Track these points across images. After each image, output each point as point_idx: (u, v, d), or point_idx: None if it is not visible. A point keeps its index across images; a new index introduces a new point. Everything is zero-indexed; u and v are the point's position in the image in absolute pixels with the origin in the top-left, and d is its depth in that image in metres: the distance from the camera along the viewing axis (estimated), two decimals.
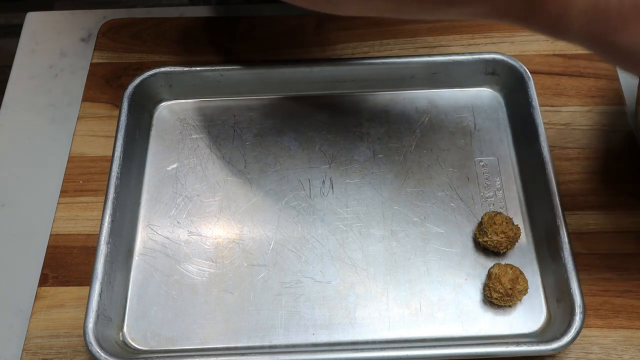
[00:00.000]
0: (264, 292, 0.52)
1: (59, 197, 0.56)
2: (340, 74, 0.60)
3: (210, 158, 0.58)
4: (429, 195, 0.56)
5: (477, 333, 0.50)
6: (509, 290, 0.49)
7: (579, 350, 0.49)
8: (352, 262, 0.53)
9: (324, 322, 0.50)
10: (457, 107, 0.60)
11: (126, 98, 0.58)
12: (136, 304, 0.51)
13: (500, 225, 0.51)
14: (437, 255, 0.53)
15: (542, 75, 0.61)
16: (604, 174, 0.57)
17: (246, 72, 0.60)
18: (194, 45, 0.64)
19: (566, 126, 0.59)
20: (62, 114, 0.62)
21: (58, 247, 0.54)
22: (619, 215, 0.54)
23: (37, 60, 0.66)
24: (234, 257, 0.53)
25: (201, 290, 0.52)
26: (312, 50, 0.64)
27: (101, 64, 0.64)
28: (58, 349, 0.50)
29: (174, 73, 0.60)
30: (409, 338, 0.49)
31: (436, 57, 0.60)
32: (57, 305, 0.51)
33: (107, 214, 0.52)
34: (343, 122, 0.60)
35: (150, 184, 0.57)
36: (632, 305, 0.50)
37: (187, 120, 0.60)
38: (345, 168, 0.57)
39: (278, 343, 0.50)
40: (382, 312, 0.51)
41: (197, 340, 0.50)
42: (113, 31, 0.66)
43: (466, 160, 0.57)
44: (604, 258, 0.52)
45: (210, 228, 0.55)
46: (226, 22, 0.66)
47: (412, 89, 0.61)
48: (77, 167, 0.58)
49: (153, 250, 0.54)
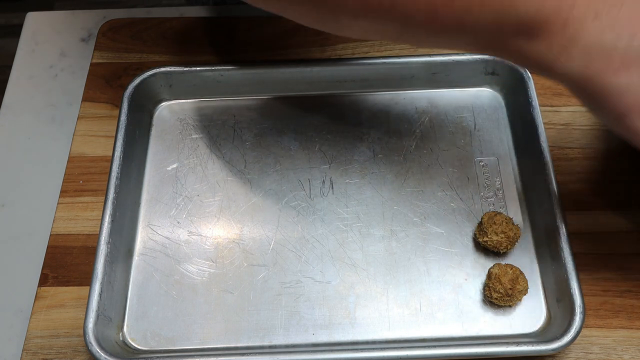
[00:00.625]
0: (264, 292, 0.52)
1: (59, 197, 0.56)
2: (340, 74, 0.60)
3: (210, 158, 0.58)
4: (429, 195, 0.56)
5: (477, 333, 0.50)
6: (509, 290, 0.49)
7: (579, 350, 0.49)
8: (352, 262, 0.53)
9: (324, 322, 0.50)
10: (457, 107, 0.60)
11: (126, 98, 0.58)
12: (136, 304, 0.51)
13: (500, 225, 0.51)
14: (437, 255, 0.53)
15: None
16: (604, 174, 0.57)
17: (246, 72, 0.60)
18: (194, 45, 0.64)
19: (566, 126, 0.59)
20: (62, 114, 0.62)
21: (58, 247, 0.54)
22: (619, 215, 0.54)
23: (37, 60, 0.66)
24: (234, 257, 0.53)
25: (201, 290, 0.52)
26: (312, 50, 0.64)
27: (101, 64, 0.64)
28: (58, 349, 0.50)
29: (174, 73, 0.60)
30: (409, 338, 0.49)
31: (436, 57, 0.60)
32: (57, 305, 0.51)
33: (107, 214, 0.52)
34: (343, 122, 0.60)
35: (150, 184, 0.57)
36: (632, 305, 0.50)
37: (187, 120, 0.60)
38: (345, 168, 0.57)
39: (278, 343, 0.49)
40: (382, 312, 0.51)
41: (197, 340, 0.50)
42: (113, 31, 0.66)
43: (466, 160, 0.57)
44: (604, 258, 0.52)
45: (210, 228, 0.55)
46: (226, 22, 0.66)
47: (412, 89, 0.61)
48: (77, 167, 0.58)
49: (153, 250, 0.54)
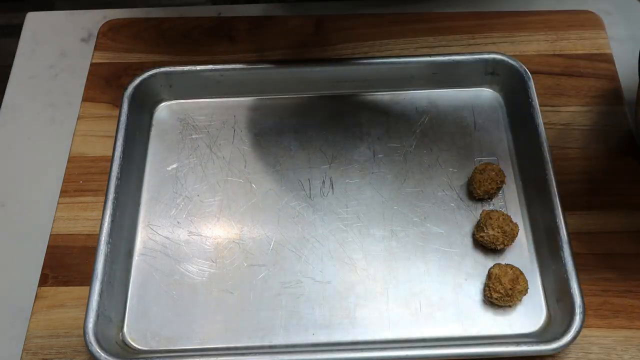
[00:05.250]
0: (264, 292, 0.52)
1: (59, 197, 0.56)
2: (340, 74, 0.60)
3: (210, 158, 0.58)
4: (429, 195, 0.56)
5: (477, 333, 0.50)
6: (509, 290, 0.49)
7: (579, 350, 0.49)
8: (352, 262, 0.53)
9: (324, 322, 0.50)
10: (457, 107, 0.60)
11: (126, 98, 0.58)
12: (136, 304, 0.51)
13: (497, 221, 0.51)
14: (437, 255, 0.53)
15: (542, 75, 0.61)
16: (604, 174, 0.57)
17: (246, 72, 0.60)
18: (194, 45, 0.64)
19: (566, 126, 0.59)
20: (62, 114, 0.62)
21: (58, 247, 0.54)
22: (619, 215, 0.54)
23: (37, 60, 0.66)
24: (234, 257, 0.53)
25: (201, 290, 0.52)
26: (312, 50, 0.64)
27: (101, 64, 0.64)
28: (58, 349, 0.50)
29: (174, 73, 0.60)
30: (409, 338, 0.49)
31: (436, 57, 0.60)
32: (57, 305, 0.51)
33: (107, 214, 0.52)
34: (343, 122, 0.60)
35: (150, 184, 0.57)
36: (632, 305, 0.50)
37: (187, 120, 0.60)
38: (345, 168, 0.57)
39: (278, 343, 0.50)
40: (382, 312, 0.51)
41: (197, 340, 0.50)
42: (113, 31, 0.65)
43: (466, 160, 0.57)
44: (604, 258, 0.52)
45: (210, 228, 0.55)
46: (226, 22, 0.66)
47: (412, 89, 0.61)
48: (77, 167, 0.58)
49: (153, 250, 0.54)
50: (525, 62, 0.59)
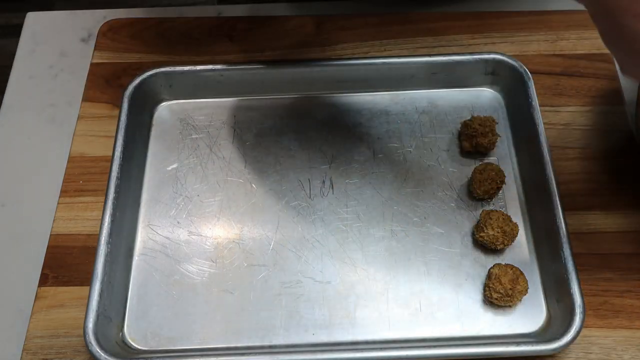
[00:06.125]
0: (264, 292, 0.52)
1: (59, 197, 0.56)
2: (340, 74, 0.60)
3: (210, 158, 0.58)
4: (429, 195, 0.56)
5: (477, 333, 0.50)
6: (509, 290, 0.49)
7: (579, 350, 0.49)
8: (352, 262, 0.53)
9: (324, 322, 0.50)
10: (457, 107, 0.60)
11: (126, 98, 0.58)
12: (136, 304, 0.51)
13: (497, 220, 0.51)
14: (437, 255, 0.53)
15: (542, 75, 0.61)
16: (604, 174, 0.57)
17: (246, 72, 0.60)
18: (194, 45, 0.64)
19: (566, 126, 0.59)
20: (62, 114, 0.62)
21: (58, 247, 0.54)
22: (619, 215, 0.54)
23: (37, 60, 0.66)
24: (234, 257, 0.53)
25: (201, 290, 0.52)
26: (312, 50, 0.64)
27: (101, 64, 0.63)
28: (58, 349, 0.50)
29: (174, 73, 0.60)
30: (409, 338, 0.49)
31: (436, 57, 0.60)
32: (57, 305, 0.51)
33: (107, 214, 0.52)
34: (343, 122, 0.60)
35: (150, 184, 0.57)
36: (632, 305, 0.50)
37: (187, 120, 0.60)
38: (345, 168, 0.57)
39: (278, 343, 0.50)
40: (382, 312, 0.51)
41: (197, 340, 0.50)
42: (113, 31, 0.65)
43: (466, 160, 0.57)
44: (604, 258, 0.52)
45: (210, 228, 0.55)
46: (226, 22, 0.66)
47: (412, 89, 0.61)
48: (77, 167, 0.58)
49: (153, 250, 0.54)
50: (525, 62, 0.59)
